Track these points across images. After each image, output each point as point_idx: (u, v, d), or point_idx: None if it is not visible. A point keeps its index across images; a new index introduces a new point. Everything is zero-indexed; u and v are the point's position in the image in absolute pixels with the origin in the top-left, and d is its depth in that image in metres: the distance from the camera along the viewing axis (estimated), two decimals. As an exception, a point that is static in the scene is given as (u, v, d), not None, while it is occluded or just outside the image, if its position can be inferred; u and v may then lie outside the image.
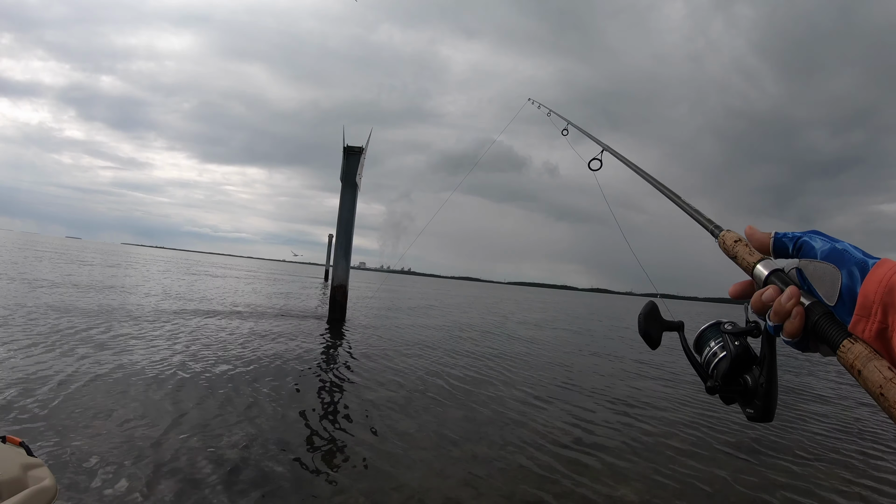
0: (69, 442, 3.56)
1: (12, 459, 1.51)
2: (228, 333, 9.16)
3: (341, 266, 13.31)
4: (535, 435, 4.84)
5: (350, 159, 12.98)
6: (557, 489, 3.65)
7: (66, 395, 4.58)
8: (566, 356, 10.87)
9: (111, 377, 5.34)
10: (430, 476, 3.68)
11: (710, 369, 0.68)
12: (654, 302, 0.76)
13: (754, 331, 0.66)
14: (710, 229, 0.79)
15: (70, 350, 6.37)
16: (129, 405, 4.52)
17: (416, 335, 11.79)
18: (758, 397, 0.63)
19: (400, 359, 8.39)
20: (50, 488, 1.49)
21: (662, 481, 3.96)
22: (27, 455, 1.61)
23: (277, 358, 7.33)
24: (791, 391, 8.46)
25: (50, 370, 5.33)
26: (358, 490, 3.35)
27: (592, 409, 6.07)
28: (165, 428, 4.04)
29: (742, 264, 0.68)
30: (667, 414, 6.17)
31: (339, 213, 13.25)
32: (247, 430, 4.23)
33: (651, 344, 0.74)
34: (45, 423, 3.85)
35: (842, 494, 3.97)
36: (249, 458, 3.67)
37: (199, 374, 5.85)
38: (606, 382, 8.05)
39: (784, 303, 0.58)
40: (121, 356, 6.35)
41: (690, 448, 4.82)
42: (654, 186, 1.08)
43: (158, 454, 3.54)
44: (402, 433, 4.55)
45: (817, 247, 0.60)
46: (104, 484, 3.01)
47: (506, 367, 8.59)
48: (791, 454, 4.87)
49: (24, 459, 1.54)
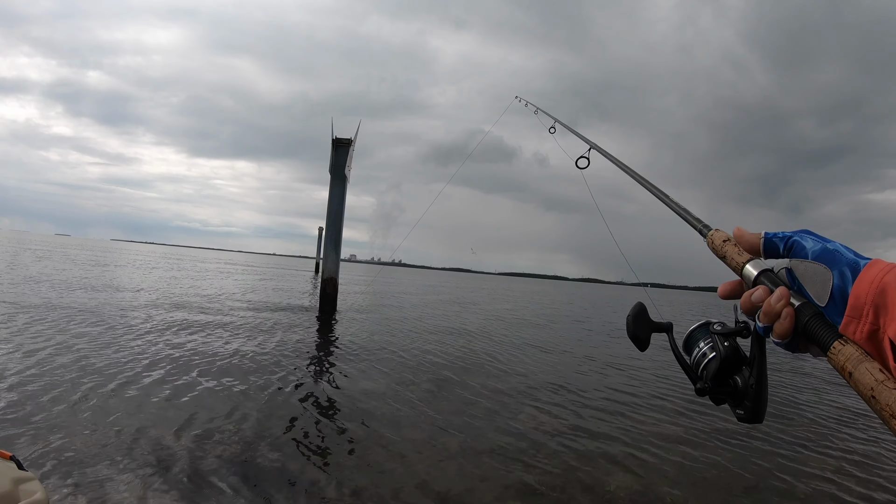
0: (60, 454, 3.49)
1: (3, 474, 1.48)
2: (217, 328, 9.09)
3: (331, 259, 13.26)
4: (528, 425, 4.87)
5: (339, 151, 12.87)
6: (549, 479, 3.67)
7: (53, 403, 4.49)
8: (558, 347, 10.94)
9: (99, 375, 5.26)
10: (423, 467, 3.69)
11: (699, 370, 0.67)
12: (642, 303, 0.75)
13: (744, 331, 0.65)
14: (698, 228, 0.78)
15: (58, 350, 6.28)
16: (117, 405, 4.46)
17: (405, 327, 11.80)
18: (748, 398, 0.63)
19: (390, 351, 8.38)
20: (41, 502, 1.46)
21: (657, 468, 4.01)
22: (18, 469, 1.58)
23: (267, 352, 7.29)
24: (784, 385, 8.59)
25: (36, 372, 5.26)
26: (349, 483, 3.35)
27: (586, 399, 6.12)
28: (154, 426, 4.00)
29: (731, 264, 0.67)
30: (664, 402, 6.24)
31: (329, 206, 13.17)
32: (235, 425, 4.20)
33: (640, 346, 0.74)
34: (34, 433, 3.78)
35: (831, 482, 4.05)
36: (238, 452, 3.65)
37: (187, 371, 5.79)
38: (599, 371, 8.12)
39: (774, 304, 0.57)
40: (108, 354, 6.26)
41: (684, 436, 4.88)
42: (642, 185, 1.06)
43: (147, 453, 3.50)
44: (392, 425, 4.55)
45: (808, 247, 0.59)
46: (96, 496, 2.95)
47: (496, 357, 8.63)
48: (783, 443, 4.94)
49: (15, 473, 1.52)
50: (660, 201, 0.94)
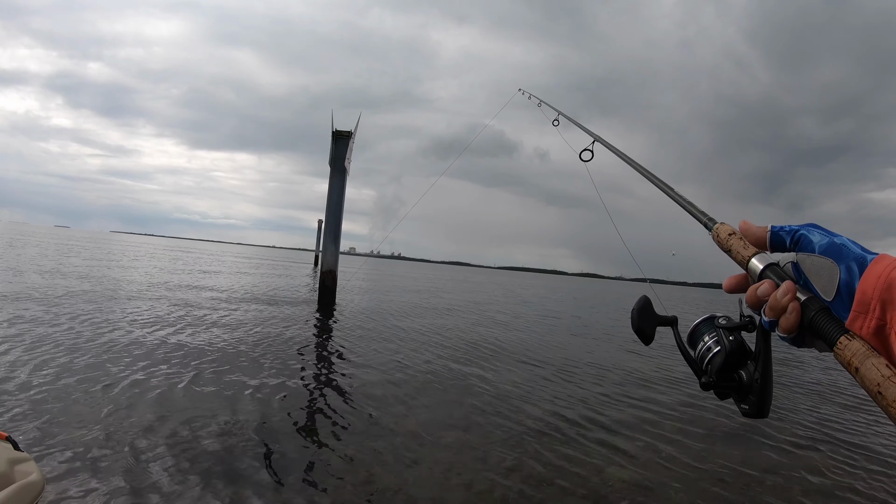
0: (55, 434, 3.51)
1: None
2: (216, 321, 9.10)
3: (330, 251, 13.25)
4: (528, 419, 4.88)
5: (339, 143, 12.83)
6: (549, 474, 3.69)
7: (51, 384, 4.52)
8: (558, 340, 10.96)
9: (96, 365, 5.27)
10: (423, 463, 3.70)
11: (704, 364, 0.67)
12: (647, 297, 0.74)
13: (749, 325, 0.65)
14: (703, 222, 0.78)
15: (58, 339, 6.29)
16: (115, 396, 4.47)
17: (405, 320, 11.81)
18: (753, 393, 0.63)
19: (389, 344, 8.39)
20: (37, 482, 1.47)
21: (656, 462, 4.02)
22: (14, 450, 1.58)
23: (266, 345, 7.30)
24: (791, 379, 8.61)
25: (35, 360, 5.27)
26: (349, 479, 3.36)
27: (586, 394, 6.13)
28: (152, 419, 4.00)
29: (737, 258, 0.67)
30: (663, 397, 6.26)
31: (328, 198, 13.14)
32: (235, 418, 4.20)
33: (645, 340, 0.74)
34: (31, 415, 3.80)
35: (836, 477, 4.06)
36: (237, 448, 3.65)
37: (187, 363, 5.80)
38: (599, 365, 8.13)
39: (780, 298, 0.57)
40: (106, 344, 6.27)
41: (686, 429, 4.90)
42: (646, 178, 1.06)
43: (145, 445, 3.51)
44: (392, 419, 4.56)
45: (815, 241, 0.58)
46: (92, 476, 2.98)
47: (497, 351, 8.64)
48: (786, 439, 4.95)
49: (11, 454, 1.52)
50: (665, 195, 0.94)
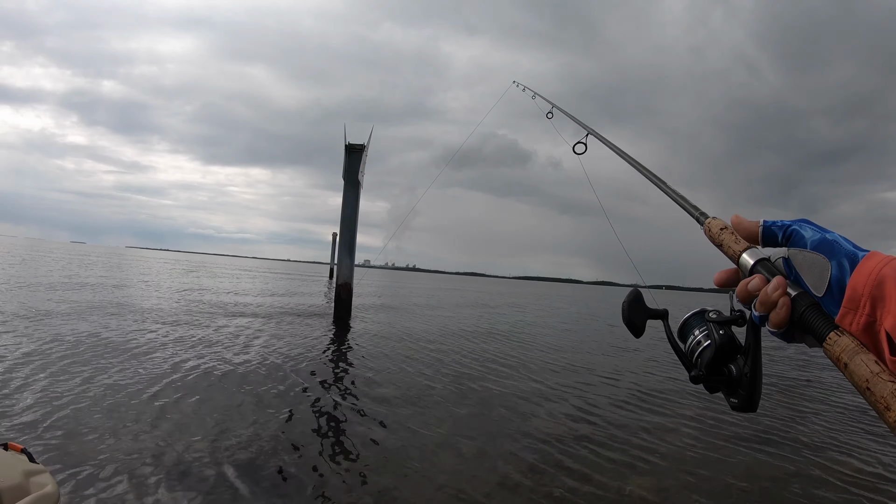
0: (71, 447, 3.57)
1: (14, 466, 1.51)
2: (234, 333, 9.21)
3: (345, 264, 13.33)
4: (544, 430, 4.83)
5: (352, 157, 12.96)
6: (566, 484, 3.64)
7: (69, 399, 4.60)
8: (573, 351, 10.86)
9: (114, 380, 5.36)
10: (439, 474, 3.68)
11: (693, 358, 0.67)
12: (639, 289, 0.74)
13: (739, 320, 0.65)
14: (695, 216, 0.78)
15: (74, 352, 6.41)
16: (133, 407, 4.54)
17: (421, 332, 11.81)
18: (742, 387, 0.63)
19: (406, 355, 8.40)
20: (52, 494, 1.49)
21: (675, 473, 3.94)
22: (29, 461, 1.61)
23: (283, 357, 7.36)
24: (805, 382, 8.41)
25: (52, 374, 5.37)
26: (367, 489, 3.36)
27: (601, 404, 6.05)
28: (170, 430, 4.06)
29: (728, 252, 0.67)
30: (675, 407, 6.14)
31: (342, 212, 13.25)
32: (254, 429, 4.24)
33: (635, 332, 0.74)
34: (47, 427, 3.87)
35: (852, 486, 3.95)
36: (257, 458, 3.68)
37: (206, 376, 5.88)
38: (613, 375, 8.03)
39: (770, 293, 0.57)
40: (125, 357, 6.38)
41: (701, 439, 4.80)
42: (639, 171, 1.06)
43: (163, 456, 3.55)
44: (410, 431, 4.55)
45: (807, 236, 0.58)
46: (106, 489, 3.02)
47: (512, 362, 8.58)
48: (799, 444, 4.84)
49: (27, 466, 1.55)
50: (659, 189, 0.93)
